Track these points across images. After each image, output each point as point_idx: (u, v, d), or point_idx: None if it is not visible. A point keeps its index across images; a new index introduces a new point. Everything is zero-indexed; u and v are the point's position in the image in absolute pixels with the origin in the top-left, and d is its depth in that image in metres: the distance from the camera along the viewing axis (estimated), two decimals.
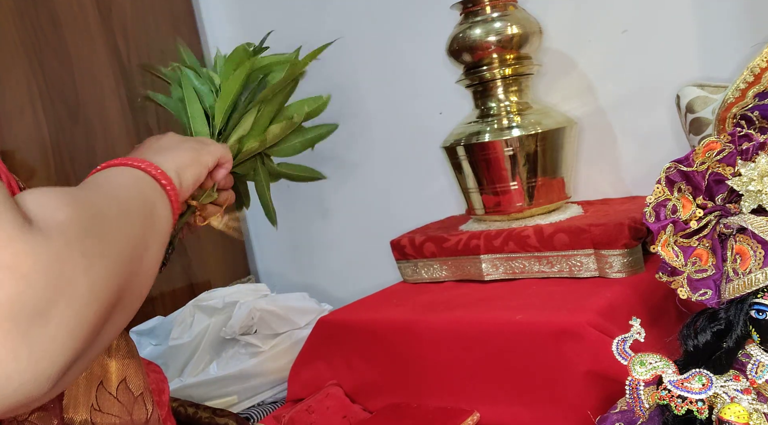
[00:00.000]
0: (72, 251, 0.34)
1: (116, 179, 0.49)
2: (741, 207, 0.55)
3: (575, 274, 0.85)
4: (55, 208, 0.35)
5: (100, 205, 0.41)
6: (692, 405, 0.50)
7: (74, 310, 0.32)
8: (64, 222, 0.35)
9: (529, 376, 0.74)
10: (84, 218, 0.37)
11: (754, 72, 0.57)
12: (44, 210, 0.35)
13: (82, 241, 0.35)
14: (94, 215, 0.38)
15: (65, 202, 0.36)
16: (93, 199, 0.40)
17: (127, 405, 0.52)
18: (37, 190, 0.37)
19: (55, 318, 0.31)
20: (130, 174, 0.51)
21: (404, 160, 1.27)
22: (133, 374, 0.53)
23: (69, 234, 0.34)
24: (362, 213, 1.36)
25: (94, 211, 0.39)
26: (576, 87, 1.05)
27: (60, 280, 0.32)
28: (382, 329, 0.86)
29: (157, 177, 0.52)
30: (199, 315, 1.13)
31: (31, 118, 1.15)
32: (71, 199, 0.37)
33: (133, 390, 0.53)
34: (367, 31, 1.27)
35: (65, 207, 0.36)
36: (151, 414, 0.54)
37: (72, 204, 0.37)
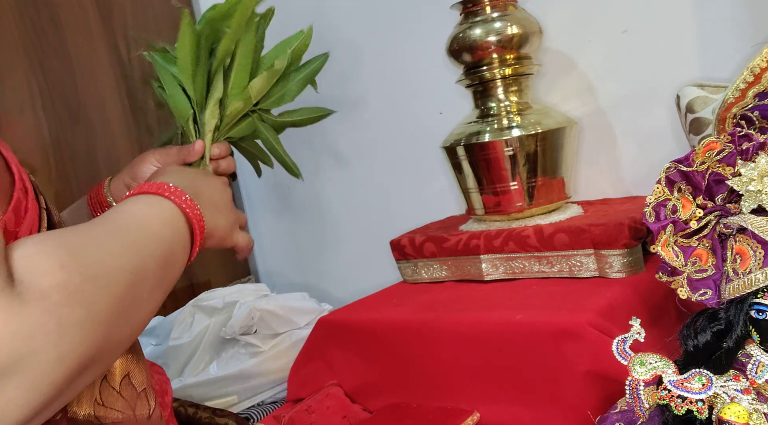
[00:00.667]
0: (47, 321, 0.33)
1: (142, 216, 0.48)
2: (741, 207, 0.55)
3: (575, 274, 0.85)
4: (44, 271, 0.35)
5: (101, 263, 0.39)
6: (692, 405, 0.50)
7: (35, 378, 0.33)
8: (48, 290, 0.34)
9: (529, 376, 0.74)
10: (73, 284, 0.36)
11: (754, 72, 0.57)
12: (32, 272, 0.34)
13: (62, 310, 0.35)
14: (88, 279, 0.37)
15: (59, 264, 0.36)
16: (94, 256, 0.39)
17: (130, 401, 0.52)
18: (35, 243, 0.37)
19: (13, 382, 0.32)
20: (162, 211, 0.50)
21: (404, 160, 1.27)
22: (137, 370, 0.53)
23: (50, 302, 0.34)
24: (362, 213, 1.36)
25: (89, 274, 0.38)
26: (576, 87, 1.05)
27: (26, 350, 0.32)
28: (382, 329, 0.86)
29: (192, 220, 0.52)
30: (199, 315, 1.13)
31: (31, 118, 1.15)
32: (67, 259, 0.37)
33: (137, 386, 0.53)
34: (367, 31, 1.27)
35: (57, 271, 0.36)
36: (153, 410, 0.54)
37: (66, 266, 0.36)
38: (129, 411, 0.51)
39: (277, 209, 1.51)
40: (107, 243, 0.42)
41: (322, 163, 1.41)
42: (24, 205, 0.43)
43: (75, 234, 0.41)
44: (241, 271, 1.52)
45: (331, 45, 1.32)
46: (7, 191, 0.42)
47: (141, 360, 0.55)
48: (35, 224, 0.44)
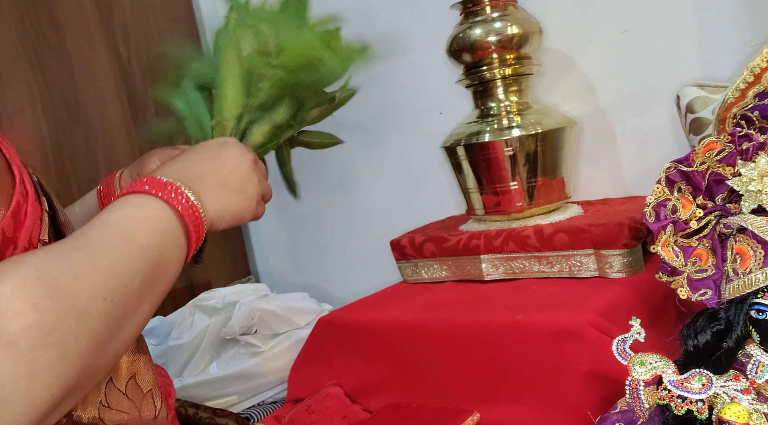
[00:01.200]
0: (16, 369, 0.33)
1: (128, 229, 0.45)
2: (741, 207, 0.55)
3: (575, 274, 0.85)
4: (16, 312, 0.34)
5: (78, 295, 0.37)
6: (692, 405, 0.50)
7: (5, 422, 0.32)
8: (17, 334, 0.33)
9: (529, 376, 0.74)
10: (46, 325, 0.35)
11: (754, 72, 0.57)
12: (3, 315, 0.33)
13: (32, 354, 0.34)
14: (62, 316, 0.36)
15: (32, 303, 0.34)
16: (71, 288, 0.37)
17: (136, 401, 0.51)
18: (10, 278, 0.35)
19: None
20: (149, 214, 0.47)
21: (404, 160, 1.27)
22: (143, 370, 0.53)
23: (18, 348, 0.33)
24: (362, 213, 1.36)
25: (64, 310, 0.36)
26: (576, 87, 1.05)
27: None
28: (382, 329, 0.86)
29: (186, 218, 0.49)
30: (199, 315, 1.13)
31: (31, 118, 1.15)
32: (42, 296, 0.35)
33: (142, 387, 0.52)
34: (367, 31, 1.26)
35: (30, 311, 0.34)
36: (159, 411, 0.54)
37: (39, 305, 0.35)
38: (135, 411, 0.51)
39: (277, 209, 1.51)
40: (86, 269, 0.39)
41: (322, 162, 1.41)
42: (24, 208, 0.42)
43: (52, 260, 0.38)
44: (241, 271, 1.52)
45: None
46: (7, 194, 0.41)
47: (148, 360, 0.54)
48: (36, 228, 0.43)
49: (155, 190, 0.48)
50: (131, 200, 0.48)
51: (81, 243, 0.41)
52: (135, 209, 0.47)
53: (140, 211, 0.47)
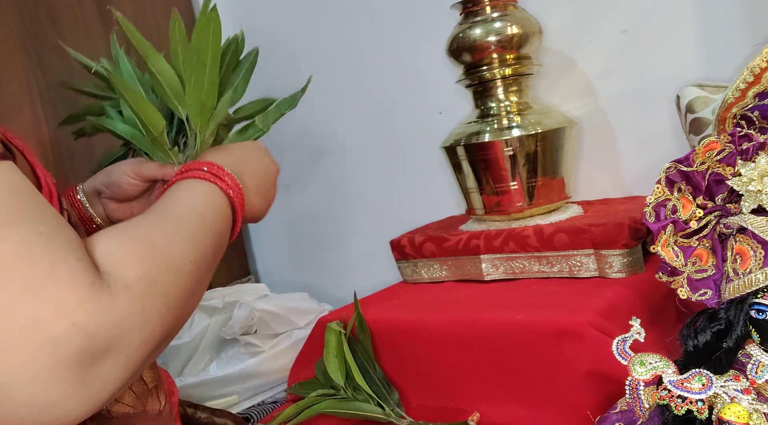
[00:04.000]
0: (134, 310, 0.39)
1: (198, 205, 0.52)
2: (741, 207, 0.55)
3: (575, 274, 0.85)
4: (126, 266, 0.40)
5: (172, 255, 0.44)
6: (692, 405, 0.50)
7: (126, 358, 0.38)
8: (132, 282, 0.39)
9: (529, 376, 0.74)
10: (152, 275, 0.41)
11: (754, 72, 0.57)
12: (117, 266, 0.39)
13: (145, 300, 0.40)
14: (163, 270, 0.42)
15: (139, 258, 0.41)
16: (165, 249, 0.44)
17: (141, 397, 0.53)
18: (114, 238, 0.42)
19: (108, 363, 0.37)
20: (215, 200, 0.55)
21: (404, 160, 1.27)
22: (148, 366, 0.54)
23: (134, 293, 0.39)
24: (362, 213, 1.36)
25: (164, 266, 0.43)
26: (576, 87, 1.05)
27: (117, 335, 0.37)
28: (382, 329, 0.86)
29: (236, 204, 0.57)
30: (199, 315, 1.13)
31: (30, 115, 1.15)
32: (145, 253, 0.42)
33: (147, 382, 0.55)
34: (367, 31, 1.27)
35: (138, 264, 0.40)
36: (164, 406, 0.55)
37: (144, 260, 0.41)
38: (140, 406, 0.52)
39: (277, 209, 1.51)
40: (173, 235, 0.46)
41: (322, 162, 1.41)
42: None
43: (146, 227, 0.46)
44: (241, 271, 1.52)
45: (331, 44, 1.32)
46: None
47: None
48: None
49: (221, 183, 0.56)
50: (199, 186, 0.55)
51: (164, 217, 0.49)
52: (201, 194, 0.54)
53: (206, 196, 0.55)
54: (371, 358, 0.85)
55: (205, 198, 0.54)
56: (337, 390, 0.85)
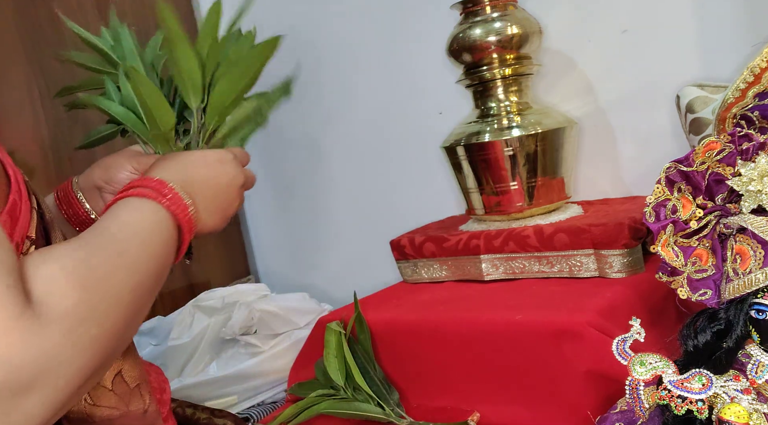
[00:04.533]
0: (65, 343, 0.36)
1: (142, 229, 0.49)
2: (741, 207, 0.55)
3: (575, 274, 0.85)
4: (62, 294, 0.37)
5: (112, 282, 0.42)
6: (692, 405, 0.50)
7: (53, 393, 0.36)
8: (67, 311, 0.37)
9: (529, 376, 0.74)
10: (89, 304, 0.38)
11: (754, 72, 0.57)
12: (53, 294, 0.37)
13: (78, 331, 0.37)
14: (102, 298, 0.40)
15: (79, 284, 0.38)
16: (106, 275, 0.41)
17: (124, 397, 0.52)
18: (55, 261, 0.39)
19: (33, 398, 0.34)
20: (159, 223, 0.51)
21: (404, 160, 1.27)
22: (128, 365, 0.53)
23: (67, 324, 0.36)
24: (362, 213, 1.36)
25: (103, 293, 0.40)
26: (576, 87, 1.05)
27: (44, 370, 0.35)
28: (382, 329, 0.86)
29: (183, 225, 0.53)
30: (199, 315, 1.13)
31: (30, 117, 1.15)
32: (86, 278, 0.39)
33: (129, 382, 0.54)
34: (368, 31, 1.27)
35: (73, 292, 0.38)
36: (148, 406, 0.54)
37: (85, 286, 0.39)
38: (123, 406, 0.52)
39: (277, 209, 1.51)
40: (114, 262, 0.43)
41: (322, 162, 1.41)
42: (19, 206, 0.44)
43: (86, 250, 0.42)
44: (241, 271, 1.52)
45: (332, 44, 1.32)
46: (3, 193, 0.43)
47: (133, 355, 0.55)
48: (26, 226, 0.45)
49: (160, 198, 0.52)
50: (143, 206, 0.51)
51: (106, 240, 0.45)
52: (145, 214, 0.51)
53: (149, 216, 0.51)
54: (371, 358, 0.85)
55: (150, 220, 0.50)
56: (337, 390, 0.85)
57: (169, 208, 0.52)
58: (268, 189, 1.51)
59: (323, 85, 1.35)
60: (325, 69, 1.34)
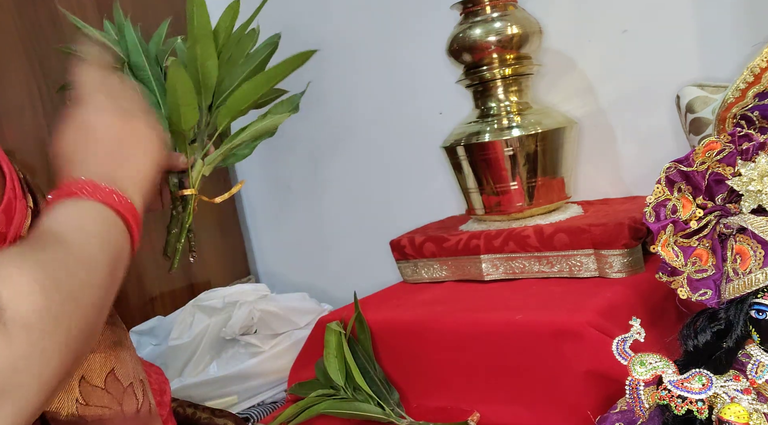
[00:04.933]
0: (31, 353, 0.34)
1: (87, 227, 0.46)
2: (741, 207, 0.55)
3: (575, 274, 0.85)
4: (26, 298, 0.35)
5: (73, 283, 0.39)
6: (692, 405, 0.50)
7: (21, 403, 0.34)
8: (32, 319, 0.35)
9: (529, 376, 0.74)
10: (54, 308, 0.36)
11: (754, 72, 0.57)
12: (16, 300, 0.34)
13: (45, 339, 0.35)
14: (65, 301, 0.38)
15: (39, 287, 0.36)
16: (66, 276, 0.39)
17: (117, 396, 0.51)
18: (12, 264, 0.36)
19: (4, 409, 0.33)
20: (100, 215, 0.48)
21: (404, 160, 1.27)
22: (120, 364, 0.52)
23: (34, 332, 0.34)
24: (362, 213, 1.36)
25: (65, 295, 0.38)
26: (576, 87, 1.05)
27: (13, 383, 0.33)
28: (382, 329, 0.86)
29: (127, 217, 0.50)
30: (199, 315, 1.13)
31: (30, 117, 1.15)
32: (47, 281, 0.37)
33: (122, 380, 0.52)
34: (368, 31, 1.27)
35: (38, 295, 0.35)
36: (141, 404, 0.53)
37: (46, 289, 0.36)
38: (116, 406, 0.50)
39: (277, 209, 1.51)
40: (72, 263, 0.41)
41: (323, 162, 1.41)
42: (14, 205, 0.43)
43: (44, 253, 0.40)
44: (241, 271, 1.52)
45: (332, 45, 1.32)
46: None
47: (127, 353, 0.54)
48: (21, 224, 0.44)
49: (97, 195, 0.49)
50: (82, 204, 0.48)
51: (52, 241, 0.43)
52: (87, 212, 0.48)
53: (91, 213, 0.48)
54: (371, 358, 0.85)
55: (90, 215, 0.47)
56: (337, 390, 0.85)
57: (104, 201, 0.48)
58: (268, 189, 1.51)
59: (323, 84, 1.35)
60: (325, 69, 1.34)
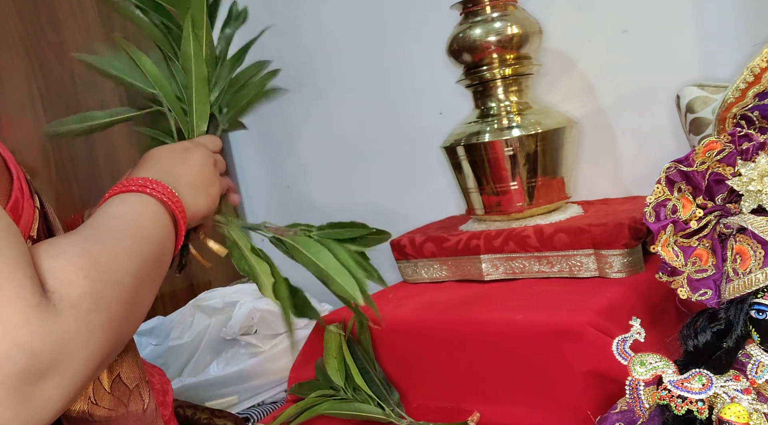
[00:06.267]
0: (78, 327, 0.38)
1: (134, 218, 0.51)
2: (741, 207, 0.55)
3: (575, 274, 0.85)
4: (71, 281, 0.39)
5: (114, 269, 0.43)
6: (692, 405, 0.50)
7: (69, 378, 0.38)
8: (77, 299, 0.39)
9: (529, 376, 0.74)
10: (97, 291, 0.40)
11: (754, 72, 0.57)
12: (61, 283, 0.39)
13: (89, 316, 0.39)
14: (107, 285, 0.42)
15: (83, 274, 0.40)
16: (108, 263, 0.43)
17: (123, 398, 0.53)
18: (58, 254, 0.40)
19: (50, 384, 0.36)
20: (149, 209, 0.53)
21: (404, 160, 1.27)
22: (127, 367, 0.54)
23: (79, 310, 0.38)
24: (362, 213, 1.36)
25: (107, 280, 0.42)
26: (576, 87, 1.05)
27: (61, 355, 0.37)
28: (382, 329, 0.86)
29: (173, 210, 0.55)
30: (199, 315, 1.13)
31: (31, 117, 1.15)
32: (89, 268, 0.41)
33: (128, 383, 0.54)
34: (367, 31, 1.27)
35: (83, 280, 0.40)
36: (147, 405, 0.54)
37: (89, 275, 0.40)
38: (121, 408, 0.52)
39: (277, 209, 1.51)
40: (114, 248, 0.45)
41: (322, 162, 1.41)
42: (21, 204, 0.45)
43: (85, 242, 0.44)
44: None
45: (331, 44, 1.32)
46: (5, 189, 0.44)
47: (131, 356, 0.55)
48: (29, 223, 0.46)
49: (150, 190, 0.54)
50: (130, 198, 0.53)
51: (103, 231, 0.47)
52: (138, 205, 0.53)
53: (142, 207, 0.53)
54: (371, 359, 0.85)
55: (140, 209, 0.52)
56: (337, 390, 0.85)
57: (155, 196, 0.54)
58: (268, 189, 1.51)
59: (323, 84, 1.35)
60: (325, 69, 1.35)
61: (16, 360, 0.34)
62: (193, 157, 0.63)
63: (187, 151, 0.63)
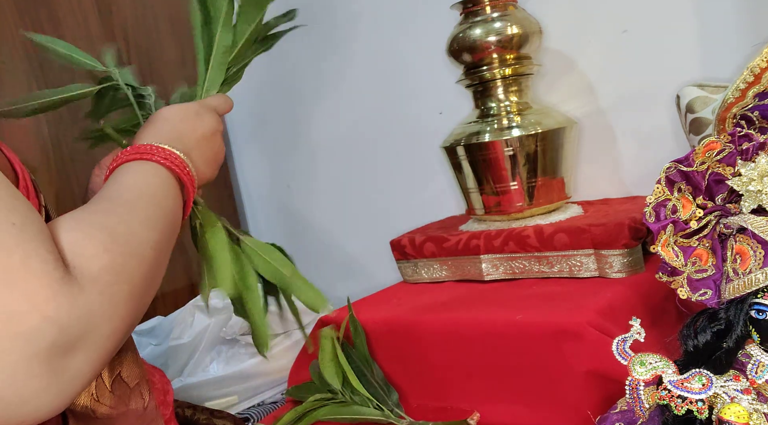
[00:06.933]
0: (102, 300, 0.39)
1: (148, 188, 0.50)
2: (741, 207, 0.55)
3: (575, 274, 0.85)
4: (92, 255, 0.40)
5: (133, 241, 0.44)
6: (692, 405, 0.50)
7: (96, 350, 0.38)
8: (99, 272, 0.39)
9: (529, 376, 0.74)
10: (117, 263, 0.41)
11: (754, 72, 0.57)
12: (82, 257, 0.39)
13: (112, 289, 0.40)
14: (126, 258, 0.42)
15: (103, 247, 0.40)
16: (126, 235, 0.43)
17: (123, 397, 0.53)
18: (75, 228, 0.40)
19: (79, 356, 0.37)
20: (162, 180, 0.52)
21: (404, 160, 1.27)
22: (127, 366, 0.54)
23: (101, 283, 0.39)
24: (362, 213, 1.36)
25: (127, 252, 0.42)
26: (576, 87, 1.05)
27: (88, 327, 0.37)
28: (382, 329, 0.86)
29: (185, 181, 0.54)
30: (199, 315, 1.13)
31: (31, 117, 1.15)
32: (108, 241, 0.41)
33: (129, 382, 0.54)
34: (367, 31, 1.27)
35: (102, 254, 0.40)
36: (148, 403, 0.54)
37: (109, 249, 0.41)
38: (122, 406, 0.52)
39: (277, 209, 1.51)
40: (130, 221, 0.45)
41: (322, 162, 1.41)
42: None
43: (102, 214, 0.44)
44: None
45: (331, 44, 1.32)
46: None
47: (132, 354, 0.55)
48: None
49: (163, 160, 0.53)
50: (143, 167, 0.52)
51: (116, 203, 0.47)
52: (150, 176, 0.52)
53: (155, 178, 0.52)
54: (368, 360, 0.85)
55: (153, 178, 0.52)
56: (334, 393, 0.85)
57: (167, 166, 0.53)
58: (268, 189, 1.51)
59: (323, 84, 1.35)
60: (324, 68, 1.35)
61: (46, 333, 0.34)
62: (204, 125, 0.61)
63: (198, 116, 0.61)
